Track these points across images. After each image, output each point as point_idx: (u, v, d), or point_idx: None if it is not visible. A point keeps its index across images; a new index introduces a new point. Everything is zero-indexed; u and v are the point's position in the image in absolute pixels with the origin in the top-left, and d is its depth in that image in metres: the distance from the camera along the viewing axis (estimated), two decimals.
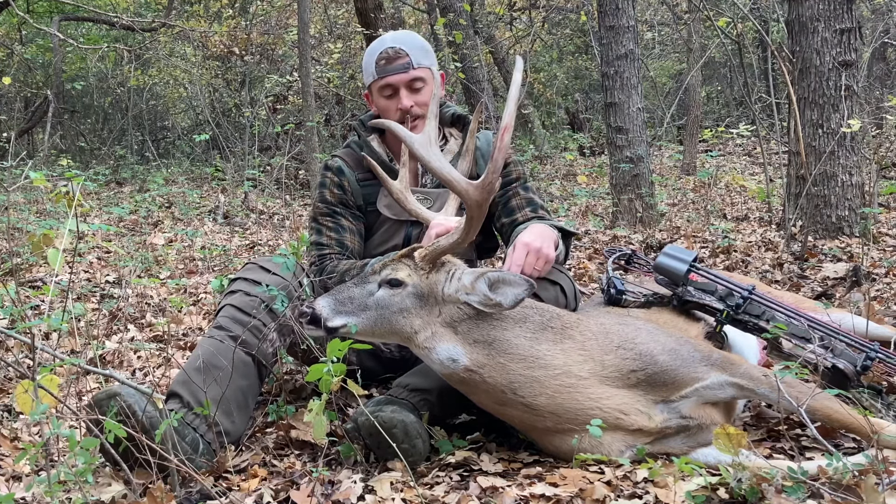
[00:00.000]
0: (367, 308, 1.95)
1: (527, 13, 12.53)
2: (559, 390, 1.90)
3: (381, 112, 2.54)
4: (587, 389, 1.91)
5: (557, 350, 1.93)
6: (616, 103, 6.14)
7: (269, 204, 8.43)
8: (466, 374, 1.93)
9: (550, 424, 1.93)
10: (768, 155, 7.58)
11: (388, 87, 2.50)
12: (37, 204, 7.11)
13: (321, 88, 10.34)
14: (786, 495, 1.59)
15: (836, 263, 3.97)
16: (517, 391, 1.90)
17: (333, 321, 1.94)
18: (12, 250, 4.49)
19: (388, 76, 2.48)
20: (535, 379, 1.90)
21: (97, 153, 11.77)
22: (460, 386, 2.00)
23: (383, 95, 2.52)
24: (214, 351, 2.16)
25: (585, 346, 1.95)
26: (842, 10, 4.62)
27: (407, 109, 2.48)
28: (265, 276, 2.30)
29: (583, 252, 4.92)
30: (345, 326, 1.94)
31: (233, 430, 2.12)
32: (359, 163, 2.58)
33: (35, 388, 1.77)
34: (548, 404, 1.90)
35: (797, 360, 1.97)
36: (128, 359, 3.14)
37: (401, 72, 2.47)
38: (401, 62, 2.47)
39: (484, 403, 2.01)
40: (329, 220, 2.56)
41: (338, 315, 1.94)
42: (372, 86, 2.55)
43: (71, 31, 12.69)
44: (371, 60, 2.52)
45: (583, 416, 1.89)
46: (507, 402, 1.93)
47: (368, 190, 2.57)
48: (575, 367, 1.92)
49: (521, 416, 1.95)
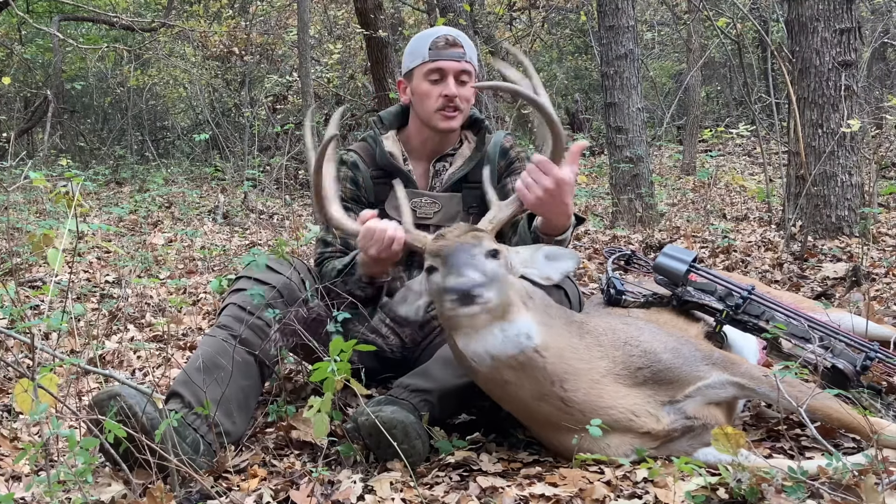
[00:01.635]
0: (493, 280, 1.82)
1: (527, 13, 12.53)
2: (592, 386, 1.88)
3: (422, 97, 2.47)
4: (606, 387, 1.90)
5: (582, 345, 1.93)
6: (616, 103, 6.14)
7: (268, 204, 8.43)
8: (530, 356, 1.83)
9: (572, 422, 1.89)
10: (768, 155, 7.58)
11: (437, 70, 2.44)
12: (36, 204, 7.11)
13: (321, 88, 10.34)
14: (785, 495, 1.59)
15: (836, 263, 3.97)
16: (565, 383, 1.86)
17: (486, 294, 1.78)
18: (12, 250, 4.49)
19: (440, 60, 2.43)
20: (579, 372, 1.87)
21: (97, 153, 11.78)
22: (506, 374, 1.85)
23: (429, 79, 2.45)
24: (217, 350, 2.16)
25: (600, 341, 1.95)
26: (842, 10, 4.63)
27: (452, 97, 2.43)
28: (270, 275, 2.30)
29: (583, 252, 4.92)
30: (489, 300, 1.80)
31: (233, 431, 2.12)
32: (373, 158, 2.54)
33: (35, 388, 1.77)
34: (583, 400, 1.87)
35: (797, 360, 1.97)
36: (128, 359, 3.14)
37: (455, 59, 2.44)
38: (456, 51, 2.44)
39: (519, 398, 1.91)
40: None
41: (486, 288, 1.79)
42: (417, 69, 2.47)
43: (71, 31, 12.69)
44: (423, 43, 2.46)
45: (603, 414, 1.88)
46: (546, 395, 1.87)
47: (381, 188, 2.54)
48: (595, 363, 1.91)
49: (549, 412, 1.89)
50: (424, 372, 2.15)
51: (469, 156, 2.54)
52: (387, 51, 7.04)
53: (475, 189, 2.50)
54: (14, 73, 12.00)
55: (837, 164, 4.64)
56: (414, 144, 2.57)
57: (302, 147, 8.55)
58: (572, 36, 13.40)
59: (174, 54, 12.01)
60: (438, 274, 1.88)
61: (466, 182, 2.53)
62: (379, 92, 6.88)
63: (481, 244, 1.89)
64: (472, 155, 2.54)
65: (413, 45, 2.51)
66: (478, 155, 2.54)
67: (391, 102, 6.16)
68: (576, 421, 1.89)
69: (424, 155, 2.57)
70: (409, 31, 13.14)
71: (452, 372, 2.11)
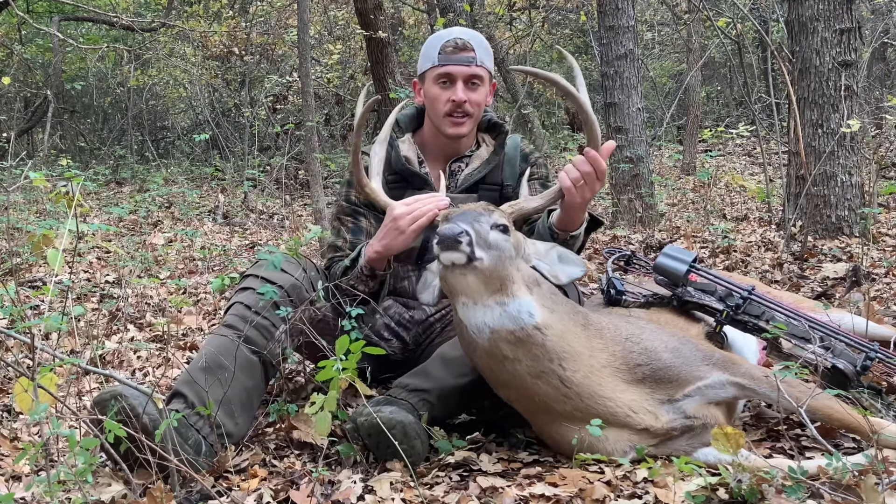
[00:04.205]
0: (490, 247, 1.87)
1: (527, 13, 12.53)
2: (591, 371, 1.91)
3: (431, 101, 2.48)
4: (605, 378, 1.92)
5: (584, 334, 1.95)
6: (616, 103, 6.14)
7: (268, 204, 8.44)
8: (529, 332, 1.86)
9: (569, 408, 1.91)
10: (768, 155, 7.58)
11: (446, 75, 2.44)
12: (36, 204, 7.11)
13: (321, 88, 10.35)
14: (786, 495, 1.59)
15: (836, 263, 3.97)
16: (564, 362, 1.88)
17: (477, 251, 1.83)
18: (12, 250, 4.49)
19: (449, 65, 2.43)
20: (579, 354, 1.90)
21: (97, 153, 11.78)
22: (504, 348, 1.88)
23: (438, 83, 2.45)
24: (221, 350, 2.15)
25: (602, 333, 1.97)
26: (841, 10, 4.63)
27: (461, 102, 2.43)
28: (277, 275, 2.29)
29: (582, 252, 4.92)
30: (481, 260, 1.84)
31: (235, 432, 2.12)
32: (388, 163, 2.50)
33: (35, 387, 1.77)
34: (581, 382, 1.89)
35: (797, 360, 1.97)
36: (128, 359, 3.14)
37: (464, 64, 2.43)
38: (466, 55, 2.43)
39: (517, 375, 1.92)
40: (350, 221, 2.54)
41: (479, 246, 1.84)
42: (428, 73, 2.48)
43: (71, 31, 12.69)
44: (434, 46, 2.46)
45: (601, 405, 1.89)
46: (545, 372, 1.88)
47: (395, 193, 2.42)
48: (596, 353, 1.93)
49: (547, 392, 1.90)
50: (423, 371, 2.15)
51: (487, 158, 2.55)
52: (387, 51, 7.04)
53: (492, 191, 2.52)
54: (14, 73, 12.01)
55: (837, 164, 4.64)
56: (430, 147, 2.58)
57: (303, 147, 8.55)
58: (572, 36, 13.39)
59: (174, 54, 12.01)
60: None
61: (484, 184, 2.54)
62: (379, 92, 6.87)
63: (490, 215, 1.94)
64: (490, 158, 2.55)
65: (426, 48, 2.51)
66: (496, 158, 2.55)
67: (391, 102, 6.16)
68: (574, 407, 1.90)
69: (441, 157, 2.57)
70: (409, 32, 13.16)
71: (451, 371, 2.11)
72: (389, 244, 2.21)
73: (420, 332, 2.53)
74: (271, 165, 9.49)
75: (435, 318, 2.52)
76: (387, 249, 2.23)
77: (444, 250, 1.82)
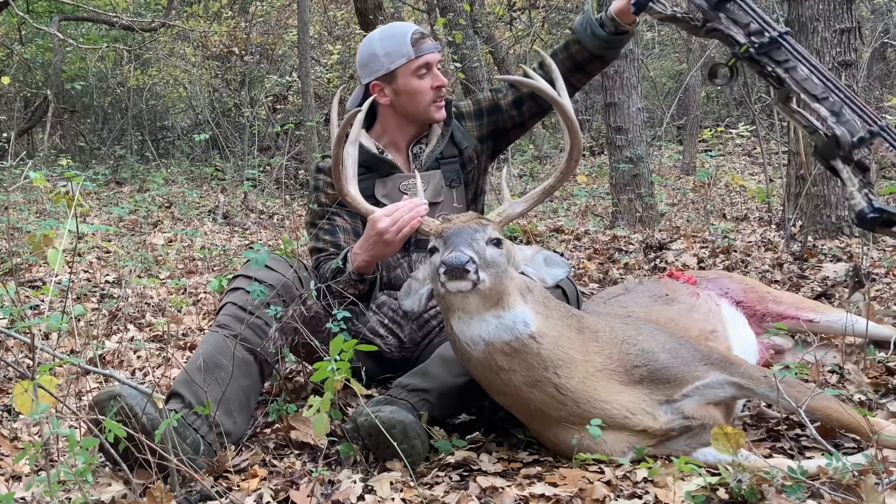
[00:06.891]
0: (489, 265, 1.86)
1: (527, 13, 12.53)
2: (587, 377, 1.90)
3: (412, 94, 2.51)
4: (602, 382, 1.91)
5: (580, 338, 1.95)
6: (616, 103, 6.14)
7: (268, 204, 8.44)
8: (525, 342, 1.86)
9: (565, 413, 1.91)
10: (768, 155, 7.58)
11: (425, 65, 2.50)
12: (36, 204, 7.12)
13: (321, 88, 10.34)
14: (786, 495, 1.59)
15: (836, 263, 3.96)
16: (558, 370, 1.88)
17: (481, 274, 1.82)
18: (12, 250, 4.48)
19: (425, 54, 2.49)
20: (574, 361, 1.90)
21: (97, 153, 11.77)
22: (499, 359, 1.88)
23: (418, 75, 2.49)
24: (217, 350, 2.16)
25: (598, 336, 1.97)
26: (842, 10, 4.62)
27: (444, 85, 2.52)
28: (267, 274, 2.30)
29: (583, 252, 4.92)
30: (483, 282, 1.83)
31: (234, 431, 2.12)
32: None
33: (35, 387, 1.77)
34: (577, 388, 1.89)
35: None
36: (128, 359, 3.14)
37: (434, 51, 2.52)
38: (431, 43, 2.52)
39: (512, 384, 1.92)
40: (325, 224, 2.55)
41: (481, 269, 1.83)
42: (402, 69, 2.49)
43: (70, 31, 12.68)
44: (402, 42, 2.48)
45: (598, 409, 1.89)
46: (540, 381, 1.88)
47: (364, 184, 2.51)
48: (591, 357, 1.93)
49: (542, 400, 1.90)
50: (423, 371, 2.15)
51: (441, 132, 2.62)
52: None
53: (451, 164, 2.61)
54: (14, 73, 11.99)
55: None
56: (392, 137, 2.63)
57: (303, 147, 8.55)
58: None
59: (174, 54, 12.01)
60: (438, 254, 1.92)
61: (442, 158, 2.61)
62: None
63: (485, 230, 1.93)
64: (444, 131, 2.62)
65: (386, 47, 2.51)
66: (448, 130, 2.63)
67: None
68: (570, 412, 1.90)
69: (403, 143, 2.64)
70: None
71: (451, 371, 2.11)
72: (377, 254, 2.24)
73: (416, 329, 2.53)
74: (271, 165, 9.49)
75: (430, 315, 2.53)
76: (375, 259, 2.27)
77: (452, 279, 1.81)
